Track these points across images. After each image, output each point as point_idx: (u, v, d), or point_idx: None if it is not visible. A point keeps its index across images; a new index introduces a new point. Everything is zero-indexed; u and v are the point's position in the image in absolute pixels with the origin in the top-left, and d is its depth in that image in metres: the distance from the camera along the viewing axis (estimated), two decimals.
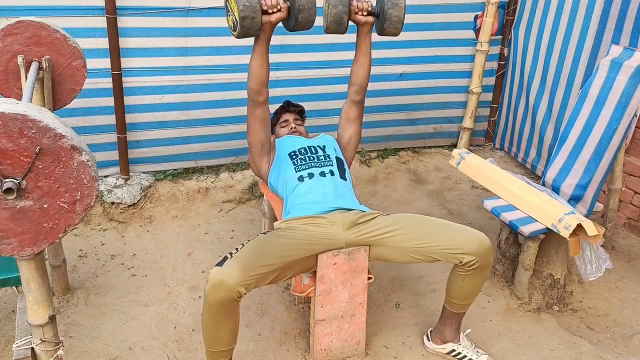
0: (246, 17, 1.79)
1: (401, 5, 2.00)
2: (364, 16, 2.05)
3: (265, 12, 1.86)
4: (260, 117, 2.10)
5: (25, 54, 2.05)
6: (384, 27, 2.05)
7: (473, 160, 2.62)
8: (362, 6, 2.03)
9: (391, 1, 2.00)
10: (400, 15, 2.01)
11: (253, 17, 1.79)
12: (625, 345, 2.26)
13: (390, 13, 2.00)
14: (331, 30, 2.00)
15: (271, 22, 1.90)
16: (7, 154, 1.17)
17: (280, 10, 1.90)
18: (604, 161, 2.38)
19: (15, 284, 1.85)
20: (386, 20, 2.02)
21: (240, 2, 1.78)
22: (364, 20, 2.05)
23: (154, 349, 2.15)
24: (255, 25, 1.82)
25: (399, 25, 2.04)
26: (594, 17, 2.93)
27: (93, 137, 3.07)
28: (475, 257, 1.90)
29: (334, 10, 1.92)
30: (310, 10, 1.86)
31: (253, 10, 1.79)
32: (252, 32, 1.85)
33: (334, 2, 1.93)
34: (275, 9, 1.88)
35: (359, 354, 2.15)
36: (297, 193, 2.08)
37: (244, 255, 1.80)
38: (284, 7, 1.89)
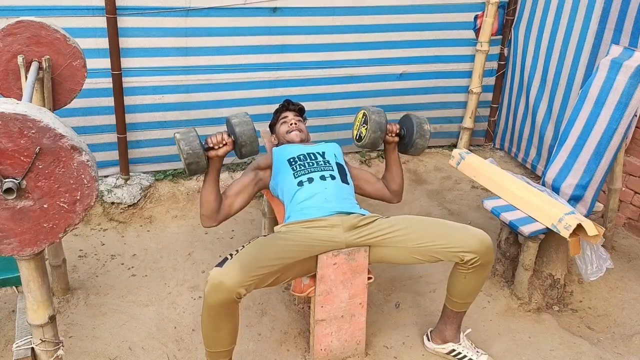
0: (190, 163, 1.90)
1: (427, 137, 2.21)
2: (392, 137, 2.23)
3: (212, 148, 1.96)
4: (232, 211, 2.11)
5: (25, 54, 2.05)
6: (408, 151, 2.26)
7: (473, 160, 2.62)
8: (391, 129, 2.21)
9: (420, 132, 2.19)
10: (425, 144, 2.22)
11: (197, 161, 1.91)
12: (625, 345, 2.26)
13: (417, 142, 2.20)
14: (365, 149, 2.22)
15: (219, 156, 1.98)
16: (7, 154, 1.17)
17: (227, 144, 1.97)
18: (604, 161, 2.38)
19: (15, 284, 1.85)
20: (412, 146, 2.22)
21: (183, 151, 1.88)
22: (392, 140, 2.24)
23: (154, 349, 2.15)
24: (201, 167, 1.93)
25: (421, 152, 2.26)
26: (594, 17, 2.93)
27: (93, 137, 3.07)
28: (477, 255, 1.90)
29: (373, 135, 2.13)
30: (253, 143, 1.97)
31: (197, 156, 1.90)
32: (200, 171, 1.96)
33: (374, 128, 2.12)
34: (221, 145, 1.96)
35: (359, 354, 2.15)
36: (297, 198, 2.08)
37: (244, 256, 1.80)
38: (229, 141, 1.98)
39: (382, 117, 2.14)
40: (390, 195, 2.34)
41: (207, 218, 2.05)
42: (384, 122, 2.15)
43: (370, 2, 3.29)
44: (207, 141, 1.96)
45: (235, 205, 2.11)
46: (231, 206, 2.10)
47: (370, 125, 2.13)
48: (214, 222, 2.07)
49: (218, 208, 2.05)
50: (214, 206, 2.04)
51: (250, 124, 1.96)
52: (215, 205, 2.04)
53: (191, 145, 1.88)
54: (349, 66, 3.43)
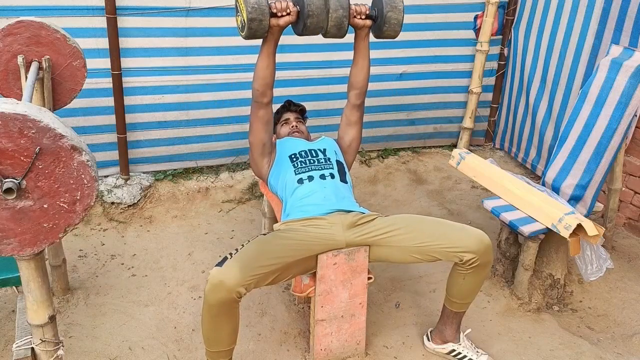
0: (254, 19, 1.78)
1: (400, 8, 2.01)
2: (362, 20, 2.04)
3: (275, 15, 1.86)
4: (264, 118, 2.10)
5: (25, 54, 2.05)
6: (383, 29, 2.05)
7: (473, 160, 2.62)
8: (360, 10, 2.02)
9: (390, 4, 2.00)
10: (400, 18, 2.02)
11: (261, 19, 1.79)
12: (625, 345, 2.26)
13: (389, 16, 2.00)
14: (331, 35, 2.00)
15: (280, 26, 1.89)
16: (7, 154, 1.17)
17: (290, 14, 1.89)
18: (604, 161, 2.38)
19: (15, 284, 1.85)
20: (385, 23, 2.02)
21: (249, 4, 1.77)
22: (362, 23, 2.05)
23: (154, 349, 2.15)
24: (262, 27, 1.82)
25: (398, 28, 2.04)
26: (594, 17, 2.93)
27: (93, 137, 3.07)
28: (476, 255, 1.90)
29: (334, 14, 1.92)
30: (320, 16, 1.86)
31: (261, 13, 1.78)
32: (259, 34, 1.85)
33: (334, 7, 1.92)
34: (284, 13, 1.88)
35: (359, 354, 2.15)
36: (296, 195, 2.08)
37: (244, 255, 1.80)
38: (294, 11, 1.88)
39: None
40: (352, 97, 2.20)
41: (261, 93, 2.01)
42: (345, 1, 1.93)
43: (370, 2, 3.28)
44: (270, 6, 1.85)
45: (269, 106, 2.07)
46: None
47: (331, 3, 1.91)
48: (266, 97, 2.01)
49: (272, 83, 2.01)
50: (270, 81, 1.99)
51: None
52: (270, 79, 1.99)
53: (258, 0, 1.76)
54: (349, 66, 3.41)
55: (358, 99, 2.22)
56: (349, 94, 2.23)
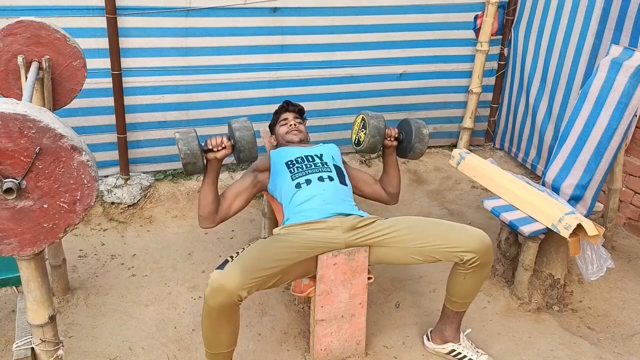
0: (187, 163, 1.90)
1: (426, 141, 2.21)
2: (391, 142, 2.24)
3: (211, 150, 1.96)
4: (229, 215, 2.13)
5: (25, 54, 2.05)
6: (406, 154, 2.27)
7: (473, 160, 2.62)
8: (390, 133, 2.22)
9: (419, 136, 2.19)
10: (424, 149, 2.23)
11: (194, 162, 1.91)
12: (625, 345, 2.26)
13: (416, 146, 2.21)
14: (363, 153, 2.25)
15: (217, 159, 1.98)
16: (7, 154, 1.17)
17: (226, 147, 1.97)
18: (604, 161, 2.38)
19: (15, 284, 1.85)
20: (410, 151, 2.23)
21: (181, 151, 1.88)
22: (390, 144, 2.25)
23: (154, 349, 2.15)
24: (198, 167, 1.93)
25: (420, 156, 2.27)
26: (594, 17, 2.93)
27: (93, 137, 3.07)
28: (476, 254, 1.90)
29: (372, 140, 2.15)
30: (251, 149, 1.97)
31: (194, 157, 1.90)
32: (197, 172, 1.96)
33: (373, 133, 2.13)
34: (220, 147, 1.96)
35: (359, 354, 2.15)
36: (295, 200, 2.08)
37: (245, 258, 1.80)
38: (229, 145, 1.97)
39: (380, 122, 2.15)
40: (387, 197, 2.35)
41: (205, 219, 2.06)
42: (382, 127, 2.15)
43: (370, 2, 3.29)
44: (206, 143, 1.96)
45: (234, 208, 2.12)
46: (229, 208, 2.11)
47: (369, 130, 2.14)
48: (211, 223, 2.08)
49: (216, 210, 2.06)
50: (212, 208, 2.04)
51: (250, 129, 1.96)
52: (213, 207, 2.04)
53: (189, 146, 1.88)
54: (349, 66, 3.43)
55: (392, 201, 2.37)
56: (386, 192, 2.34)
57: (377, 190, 2.34)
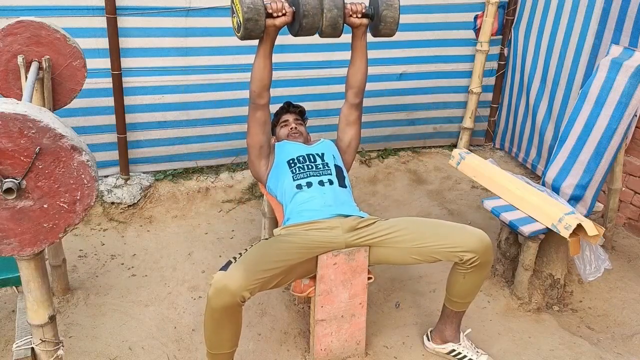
0: (250, 19, 1.78)
1: (395, 6, 2.01)
2: (359, 18, 2.04)
3: (270, 16, 1.85)
4: (261, 119, 2.10)
5: (25, 54, 2.05)
6: (379, 28, 2.05)
7: (473, 160, 2.62)
8: (355, 8, 2.02)
9: (385, 2, 2.00)
10: (395, 16, 2.02)
11: (257, 19, 1.79)
12: (625, 345, 2.26)
13: (385, 14, 2.00)
14: (327, 34, 2.00)
15: (275, 26, 1.89)
16: (7, 154, 1.17)
17: (285, 14, 1.89)
18: (604, 161, 2.38)
19: (15, 284, 1.85)
20: (381, 21, 2.03)
21: (244, 4, 1.77)
22: (359, 22, 2.05)
23: (154, 349, 2.15)
24: (259, 27, 1.82)
25: (394, 27, 2.05)
26: (594, 17, 2.93)
27: (93, 137, 3.07)
28: (476, 254, 1.90)
29: (329, 14, 1.92)
30: (315, 16, 1.87)
31: (257, 13, 1.78)
32: (255, 34, 1.85)
33: (329, 6, 1.92)
34: (280, 13, 1.88)
35: (359, 354, 2.15)
36: (296, 201, 2.08)
37: (248, 260, 1.80)
38: (289, 11, 1.88)
39: None
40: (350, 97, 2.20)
41: (258, 95, 2.01)
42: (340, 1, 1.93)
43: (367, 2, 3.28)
44: (266, 7, 1.85)
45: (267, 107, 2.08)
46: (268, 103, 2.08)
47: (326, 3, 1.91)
48: (263, 99, 2.02)
49: (269, 85, 2.01)
50: (267, 82, 1.99)
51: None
52: (268, 81, 1.99)
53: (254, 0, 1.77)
54: None
55: (356, 98, 2.22)
56: (347, 93, 2.23)
57: (344, 111, 2.26)
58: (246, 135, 2.17)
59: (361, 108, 2.27)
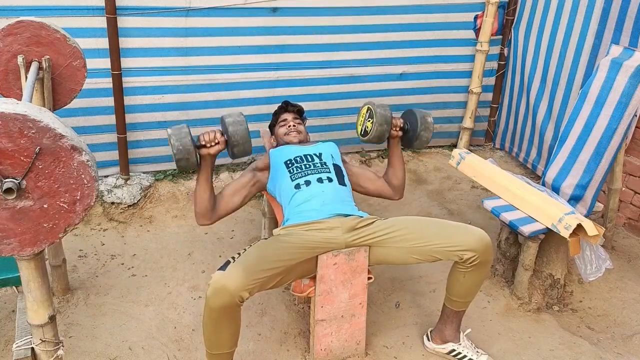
0: (180, 159, 1.88)
1: (431, 129, 2.22)
2: (397, 132, 2.23)
3: (204, 146, 1.93)
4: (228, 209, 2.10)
5: (25, 54, 2.05)
6: (413, 144, 2.26)
7: (473, 160, 2.62)
8: (396, 123, 2.21)
9: (424, 124, 2.20)
10: (430, 136, 2.23)
11: (187, 158, 1.88)
12: (625, 345, 2.26)
13: (422, 135, 2.21)
14: (371, 142, 2.22)
15: (210, 154, 1.95)
16: (7, 154, 1.17)
17: (219, 143, 1.94)
18: (604, 161, 2.38)
19: (15, 284, 1.85)
20: (417, 139, 2.22)
21: (174, 146, 1.86)
22: (396, 134, 2.24)
23: (154, 349, 2.15)
24: (191, 163, 1.90)
25: (426, 145, 2.28)
26: (594, 17, 2.93)
27: (93, 137, 3.07)
28: (476, 253, 1.90)
29: (379, 128, 2.14)
30: (245, 143, 1.95)
31: (187, 152, 1.87)
32: (190, 168, 1.93)
33: (381, 121, 2.13)
34: (213, 143, 1.94)
35: (359, 354, 2.15)
36: (294, 201, 2.08)
37: (247, 259, 1.79)
38: (222, 140, 1.95)
39: (387, 111, 2.15)
40: (392, 191, 2.32)
41: (202, 216, 2.04)
42: (389, 115, 2.15)
43: (370, 2, 3.29)
44: (199, 138, 1.94)
45: (231, 205, 2.10)
46: (227, 205, 2.09)
47: (376, 118, 2.13)
48: (208, 220, 2.06)
49: (212, 207, 2.04)
50: (207, 205, 2.02)
51: (243, 123, 1.93)
52: (209, 204, 2.03)
53: (182, 142, 1.86)
54: (349, 66, 3.43)
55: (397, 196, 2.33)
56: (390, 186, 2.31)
57: (380, 186, 2.32)
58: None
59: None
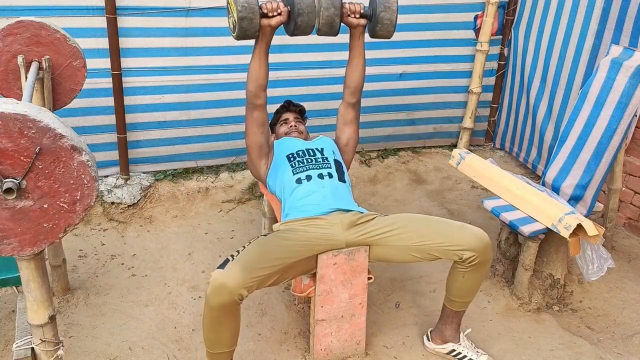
0: (244, 17, 1.79)
1: (393, 9, 2.00)
2: (356, 19, 2.04)
3: (265, 15, 1.86)
4: (258, 120, 2.10)
5: (25, 54, 2.05)
6: (376, 29, 2.05)
7: (473, 160, 2.62)
8: (354, 9, 2.02)
9: (383, 4, 2.00)
10: (393, 18, 2.01)
11: (251, 18, 1.79)
12: (625, 345, 2.26)
13: (382, 16, 2.00)
14: (323, 33, 2.00)
15: (271, 26, 1.90)
16: (7, 154, 1.17)
17: (281, 14, 1.89)
18: (604, 161, 2.38)
19: (15, 284, 1.85)
20: (378, 23, 2.02)
21: (238, 3, 1.78)
22: (356, 22, 2.05)
23: (154, 349, 2.15)
24: (253, 26, 1.82)
25: (392, 29, 2.04)
26: (594, 17, 2.93)
27: (93, 137, 3.07)
28: (475, 252, 1.90)
29: (326, 12, 1.92)
30: (310, 14, 1.87)
31: (252, 12, 1.79)
32: (250, 33, 1.85)
33: (326, 5, 1.93)
34: (275, 13, 1.88)
35: (359, 354, 2.15)
36: (295, 195, 2.08)
37: (246, 257, 1.80)
38: (284, 10, 1.89)
39: None
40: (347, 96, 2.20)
41: (254, 95, 2.01)
42: None
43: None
44: (261, 7, 1.86)
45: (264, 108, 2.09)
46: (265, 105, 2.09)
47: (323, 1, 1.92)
48: (260, 99, 2.02)
49: (265, 85, 2.01)
50: (263, 82, 1.99)
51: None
52: (264, 81, 1.99)
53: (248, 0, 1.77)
54: None
55: (353, 98, 2.23)
56: (344, 93, 2.24)
57: (341, 110, 2.26)
58: (245, 136, 2.17)
59: (358, 108, 2.27)
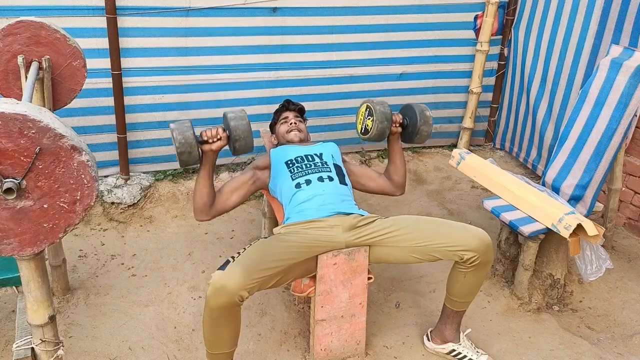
0: (183, 152, 1.88)
1: (430, 122, 2.21)
2: (396, 128, 2.23)
3: (207, 142, 1.94)
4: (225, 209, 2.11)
5: (25, 54, 2.05)
6: (413, 139, 2.25)
7: (473, 160, 2.62)
8: (395, 119, 2.21)
9: (423, 119, 2.19)
10: (430, 130, 2.22)
11: (190, 151, 1.88)
12: (625, 345, 2.26)
13: (422, 129, 2.20)
14: (371, 141, 2.20)
15: (212, 150, 1.96)
16: (7, 154, 1.17)
17: (221, 139, 1.95)
18: (604, 161, 2.38)
19: (15, 284, 1.85)
20: (417, 134, 2.22)
21: (176, 139, 1.86)
22: (396, 131, 2.24)
23: (154, 349, 2.15)
24: (193, 158, 1.91)
25: (427, 139, 2.26)
26: (594, 17, 2.93)
27: (93, 137, 3.07)
28: (476, 253, 1.90)
29: (380, 125, 2.13)
30: (247, 138, 1.95)
31: (189, 146, 1.87)
32: (192, 163, 1.93)
33: (380, 118, 2.12)
34: (215, 139, 1.95)
35: (359, 354, 2.15)
36: (295, 200, 2.08)
37: (246, 259, 1.79)
38: (224, 136, 1.96)
39: (386, 108, 2.15)
40: (393, 188, 2.32)
41: (200, 212, 2.05)
42: (389, 112, 2.15)
43: (370, 2, 3.29)
44: (201, 134, 1.95)
45: (230, 202, 2.10)
46: (226, 202, 2.09)
47: (376, 116, 2.13)
48: (206, 216, 2.06)
49: (211, 203, 2.04)
50: (207, 201, 2.03)
51: (245, 119, 1.94)
52: (208, 200, 2.03)
53: (184, 135, 1.86)
54: (349, 66, 3.43)
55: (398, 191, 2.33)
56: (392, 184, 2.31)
57: (382, 184, 2.32)
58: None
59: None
